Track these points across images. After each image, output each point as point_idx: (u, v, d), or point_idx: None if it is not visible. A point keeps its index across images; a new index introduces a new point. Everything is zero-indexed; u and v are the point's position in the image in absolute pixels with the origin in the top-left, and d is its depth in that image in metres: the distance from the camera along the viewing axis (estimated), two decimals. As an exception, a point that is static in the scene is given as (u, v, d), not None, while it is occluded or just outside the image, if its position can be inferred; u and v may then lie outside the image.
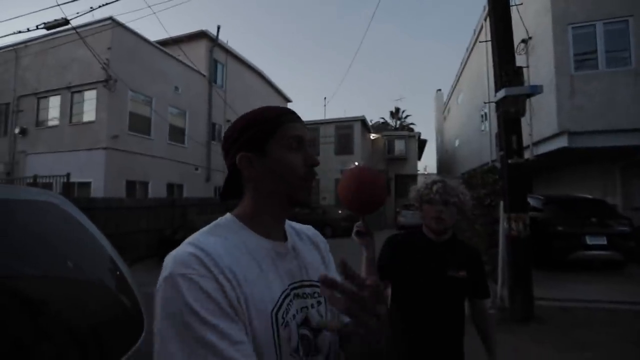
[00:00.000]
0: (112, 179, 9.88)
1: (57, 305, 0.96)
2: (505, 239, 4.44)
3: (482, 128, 13.56)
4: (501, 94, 4.18)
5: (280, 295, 0.60)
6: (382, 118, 36.57)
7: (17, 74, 11.71)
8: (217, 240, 0.58)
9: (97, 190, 9.61)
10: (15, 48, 11.76)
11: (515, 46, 5.12)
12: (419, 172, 23.28)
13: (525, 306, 4.07)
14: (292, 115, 0.68)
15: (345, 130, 18.60)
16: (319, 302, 0.69)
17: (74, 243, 1.22)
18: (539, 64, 8.25)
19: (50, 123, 11.08)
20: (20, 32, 8.36)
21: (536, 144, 8.69)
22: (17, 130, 11.24)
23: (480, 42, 10.87)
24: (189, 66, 13.25)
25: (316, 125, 18.73)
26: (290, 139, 0.64)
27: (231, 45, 15.75)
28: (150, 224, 9.21)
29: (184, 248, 0.55)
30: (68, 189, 8.36)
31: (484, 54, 11.79)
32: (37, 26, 8.12)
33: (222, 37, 14.75)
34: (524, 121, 4.75)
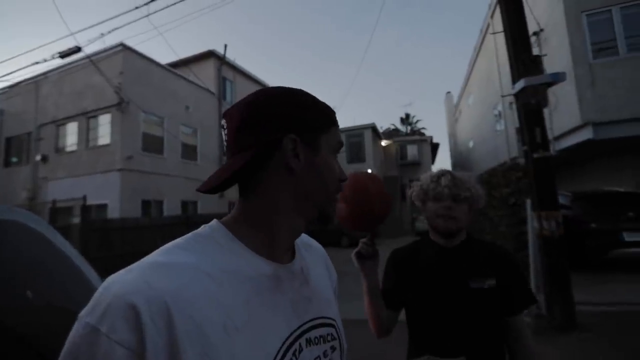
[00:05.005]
0: (128, 199, 9.99)
1: (22, 335, 0.82)
2: (536, 239, 4.12)
3: (497, 127, 13.17)
4: (520, 84, 3.95)
5: (281, 347, 0.43)
6: (393, 124, 36.35)
7: (38, 104, 12.18)
8: (189, 263, 0.40)
9: (114, 211, 9.72)
10: (35, 80, 12.28)
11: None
12: (434, 176, 22.75)
13: (565, 313, 3.72)
14: (336, 118, 0.56)
15: (356, 139, 18.47)
16: (333, 348, 0.51)
17: (41, 266, 1.07)
18: (553, 55, 7.94)
19: (69, 149, 11.40)
20: (37, 62, 8.71)
21: (557, 138, 8.29)
22: (38, 158, 11.61)
23: (490, 34, 10.62)
24: (198, 85, 13.51)
25: (326, 135, 18.69)
26: (337, 144, 0.53)
27: (238, 63, 16.06)
28: (166, 241, 8.61)
29: (130, 284, 0.36)
30: (85, 211, 8.49)
31: (492, 52, 11.53)
32: (52, 56, 8.44)
33: (230, 55, 15.06)
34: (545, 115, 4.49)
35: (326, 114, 0.52)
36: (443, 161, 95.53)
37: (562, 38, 7.45)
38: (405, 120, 36.21)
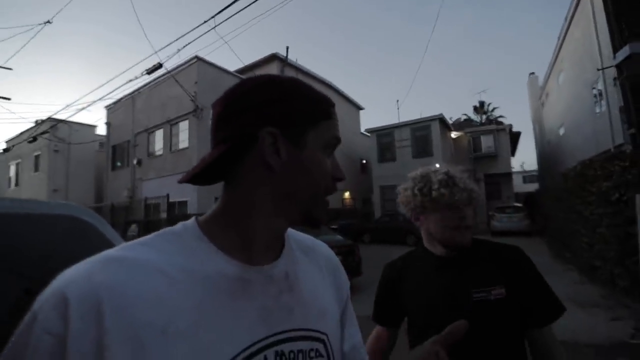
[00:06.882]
0: (204, 197, 11.05)
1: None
2: (650, 245, 3.30)
3: (597, 109, 11.05)
4: (624, 52, 3.17)
5: (236, 357, 0.38)
6: (465, 114, 33.41)
7: (134, 116, 14.26)
8: (143, 259, 0.39)
9: (192, 207, 10.87)
10: (132, 96, 14.40)
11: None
12: (513, 169, 20.30)
13: (694, 340, 2.90)
14: (334, 111, 0.50)
15: (422, 132, 17.39)
16: None
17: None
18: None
19: (157, 153, 13.10)
20: (130, 80, 10.16)
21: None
22: (135, 162, 13.62)
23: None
24: (263, 88, 14.30)
25: (390, 129, 18.03)
26: (331, 140, 0.48)
27: (301, 62, 16.51)
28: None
29: (73, 276, 0.36)
30: (169, 207, 9.67)
31: (590, 17, 9.67)
32: (141, 73, 9.72)
33: (292, 55, 15.57)
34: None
35: (318, 107, 0.47)
36: (526, 152, 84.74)
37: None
38: (480, 109, 32.95)
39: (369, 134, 18.80)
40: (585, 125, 12.48)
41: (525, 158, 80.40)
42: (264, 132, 0.43)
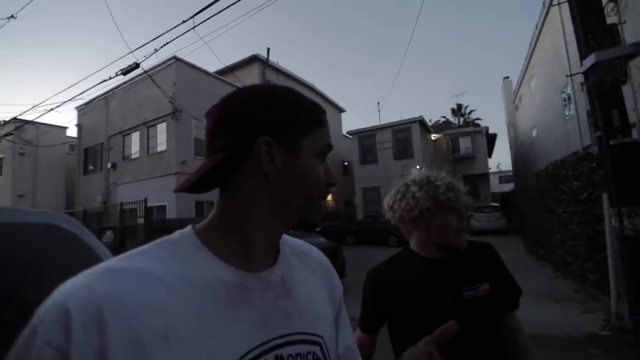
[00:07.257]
0: (183, 201, 10.76)
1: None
2: (616, 240, 3.49)
3: (566, 112, 11.63)
4: (590, 60, 3.36)
5: None
6: (443, 117, 34.35)
7: (108, 117, 13.71)
8: (142, 268, 0.39)
9: (171, 212, 10.54)
10: (105, 96, 13.83)
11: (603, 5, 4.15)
12: (490, 170, 21.03)
13: (658, 330, 3.08)
14: (326, 118, 0.52)
15: (403, 134, 17.71)
16: None
17: (74, 266, 1.12)
18: (637, 22, 6.72)
19: (133, 156, 12.63)
20: (104, 80, 9.74)
21: (645, 121, 7.00)
22: (109, 165, 13.07)
23: (554, 5, 9.38)
24: (244, 90, 14.06)
25: (372, 131, 18.25)
26: (323, 147, 0.50)
27: (282, 64, 16.42)
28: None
29: (73, 288, 0.36)
30: (147, 212, 9.32)
31: (558, 27, 10.18)
32: (116, 73, 9.35)
33: (273, 57, 15.46)
34: (627, 94, 3.77)
35: (310, 114, 0.49)
36: (502, 153, 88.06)
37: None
38: (457, 111, 33.94)
39: (350, 136, 18.94)
40: (556, 127, 13.10)
41: (501, 159, 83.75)
42: (260, 141, 0.44)
